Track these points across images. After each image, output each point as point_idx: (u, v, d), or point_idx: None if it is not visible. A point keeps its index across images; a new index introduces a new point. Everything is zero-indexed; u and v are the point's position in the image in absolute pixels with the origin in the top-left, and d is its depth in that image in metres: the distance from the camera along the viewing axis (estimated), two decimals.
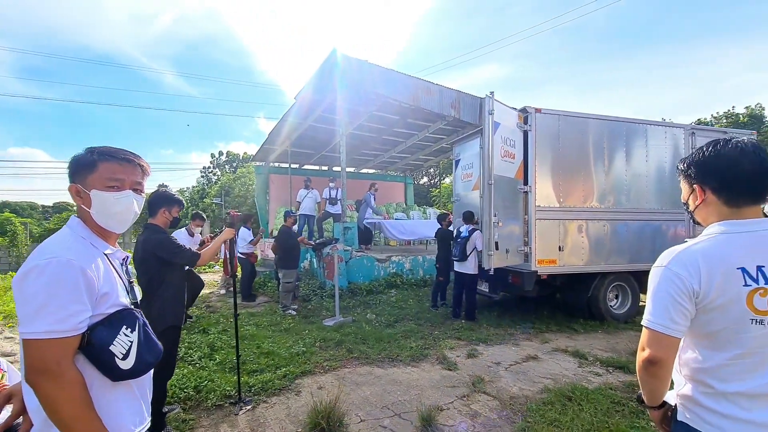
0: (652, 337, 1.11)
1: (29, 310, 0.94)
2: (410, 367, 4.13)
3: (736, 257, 1.06)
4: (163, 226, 2.70)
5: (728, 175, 1.13)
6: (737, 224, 1.11)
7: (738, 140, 1.15)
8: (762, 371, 1.05)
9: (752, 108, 30.02)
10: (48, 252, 0.99)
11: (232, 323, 5.71)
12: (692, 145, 6.03)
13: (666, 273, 1.11)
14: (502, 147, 4.84)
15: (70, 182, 1.13)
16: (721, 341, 1.08)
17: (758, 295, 1.04)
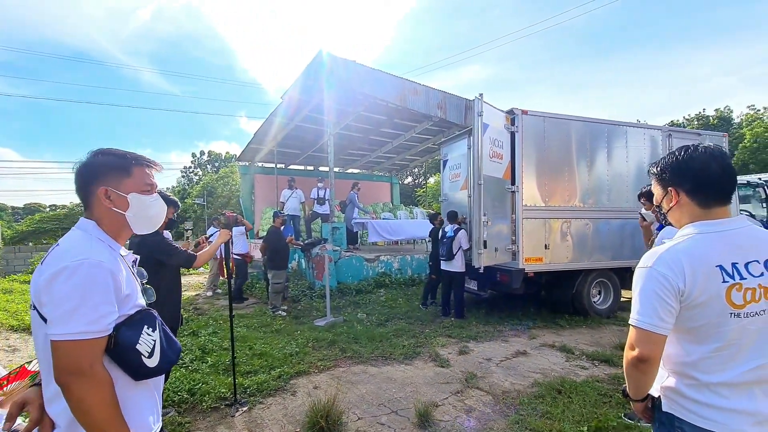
0: (642, 336, 1.15)
1: (62, 311, 0.94)
2: (404, 365, 4.18)
3: (714, 256, 1.13)
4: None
5: (701, 178, 1.20)
6: (710, 224, 1.18)
7: (706, 146, 1.24)
8: (739, 361, 1.12)
9: (721, 111, 31.49)
10: (77, 253, 1.00)
11: (222, 325, 5.70)
12: (669, 146, 6.30)
13: (652, 273, 1.16)
14: (490, 148, 4.95)
15: (94, 185, 1.13)
16: (703, 335, 1.14)
17: (735, 290, 1.11)
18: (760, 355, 1.11)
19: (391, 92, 8.71)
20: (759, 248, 1.15)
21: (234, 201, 32.01)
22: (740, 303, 1.11)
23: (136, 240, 2.62)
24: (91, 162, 1.15)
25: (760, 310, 1.11)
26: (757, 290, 1.11)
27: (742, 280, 1.11)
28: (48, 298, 0.96)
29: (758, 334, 1.11)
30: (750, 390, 1.12)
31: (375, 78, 8.42)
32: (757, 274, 1.12)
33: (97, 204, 1.14)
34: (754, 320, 1.11)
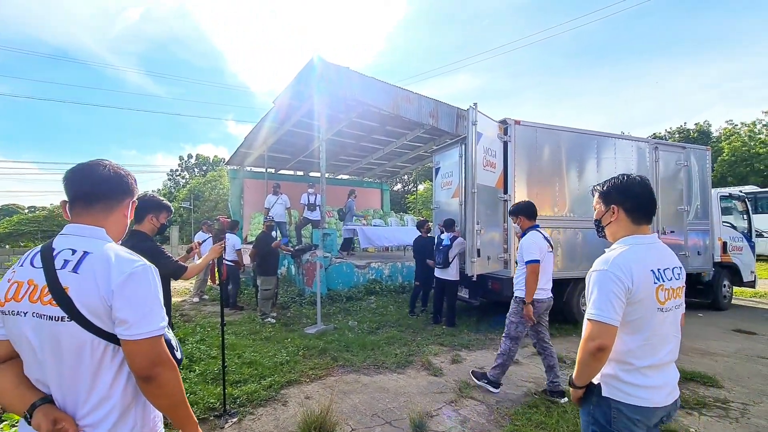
0: (602, 329, 1.37)
1: (143, 311, 1.03)
2: (396, 374, 4.14)
3: (648, 262, 1.42)
4: (149, 233, 2.57)
5: (638, 200, 1.50)
6: (640, 238, 1.49)
7: (640, 175, 1.57)
8: (662, 348, 1.42)
9: (701, 124, 32.58)
10: (131, 259, 1.09)
11: (209, 332, 5.57)
12: (655, 159, 6.46)
13: (608, 276, 1.40)
14: (484, 157, 4.99)
15: (125, 196, 1.24)
16: (637, 327, 1.40)
17: (660, 290, 1.40)
18: (671, 339, 1.44)
19: (383, 100, 8.74)
20: (668, 258, 1.50)
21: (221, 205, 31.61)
22: (663, 300, 1.41)
23: (127, 245, 2.54)
24: (126, 174, 1.24)
25: (672, 306, 1.43)
26: (671, 291, 1.43)
27: (664, 282, 1.41)
28: (123, 302, 1.02)
29: (671, 325, 1.44)
30: (666, 369, 1.43)
31: (368, 85, 8.45)
32: (669, 278, 1.44)
33: (117, 213, 1.21)
34: (669, 314, 1.42)
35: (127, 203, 1.24)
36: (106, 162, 1.19)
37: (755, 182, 21.79)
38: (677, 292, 1.46)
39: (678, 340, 1.47)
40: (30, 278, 1.05)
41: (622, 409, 1.40)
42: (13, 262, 6.52)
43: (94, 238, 1.11)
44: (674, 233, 6.63)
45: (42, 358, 1.02)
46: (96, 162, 1.18)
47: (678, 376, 1.48)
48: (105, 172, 1.16)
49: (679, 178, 6.73)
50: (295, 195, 10.55)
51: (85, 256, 1.05)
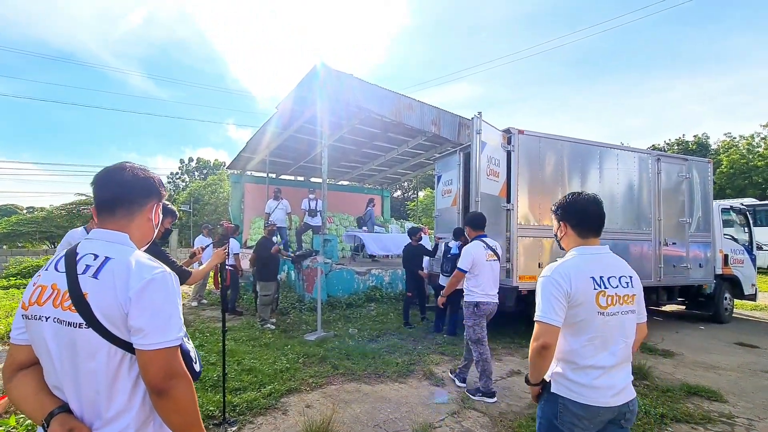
0: (545, 329, 1.51)
1: (160, 321, 0.99)
2: (397, 383, 4.09)
3: (588, 270, 1.55)
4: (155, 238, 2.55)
5: (581, 217, 1.66)
6: (586, 249, 1.64)
7: (585, 193, 1.70)
8: (605, 350, 1.52)
9: (699, 137, 32.78)
10: (152, 265, 1.05)
11: (208, 337, 5.51)
12: (657, 170, 6.47)
13: (550, 281, 1.55)
14: (487, 165, 4.99)
15: (150, 198, 1.21)
16: (580, 329, 1.53)
17: (601, 296, 1.53)
18: (616, 343, 1.54)
19: (386, 107, 8.78)
20: (616, 268, 1.62)
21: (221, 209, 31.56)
22: (604, 305, 1.52)
23: None
24: (151, 177, 1.20)
25: (616, 311, 1.54)
26: (615, 297, 1.54)
27: (605, 289, 1.54)
28: (139, 310, 0.98)
29: (615, 329, 1.54)
30: (611, 371, 1.52)
31: (371, 92, 8.49)
32: (614, 285, 1.56)
33: (140, 217, 1.18)
34: (612, 318, 1.53)
35: (150, 206, 1.20)
36: (128, 165, 1.17)
37: (753, 195, 21.88)
38: (625, 299, 1.57)
39: (627, 344, 1.57)
40: (53, 282, 1.03)
41: (568, 405, 1.52)
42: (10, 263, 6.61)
43: (118, 244, 1.10)
44: (676, 245, 6.62)
45: (60, 365, 0.99)
46: (119, 166, 1.16)
47: (629, 380, 1.57)
48: (126, 176, 1.14)
49: (681, 190, 6.74)
50: (295, 200, 10.53)
51: (106, 261, 1.03)
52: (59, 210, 27.57)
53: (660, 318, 7.87)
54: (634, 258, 6.24)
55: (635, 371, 4.33)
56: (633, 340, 1.60)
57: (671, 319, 7.78)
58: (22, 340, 1.05)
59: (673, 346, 5.67)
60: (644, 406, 3.48)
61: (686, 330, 6.82)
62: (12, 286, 10.88)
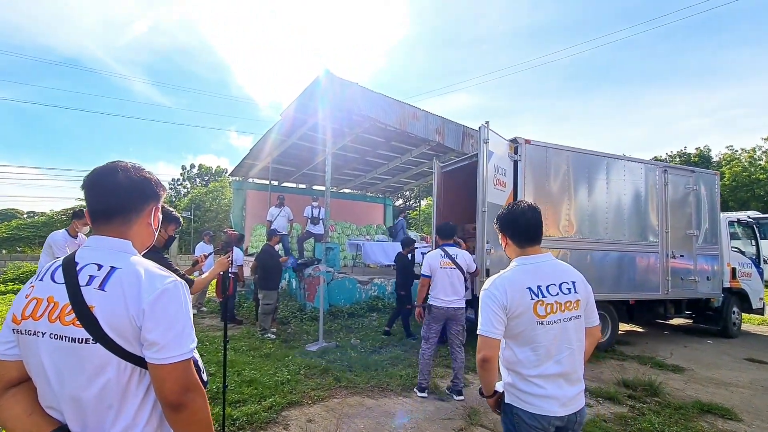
0: (484, 341, 1.53)
1: (174, 333, 0.94)
2: (402, 397, 3.98)
3: (525, 281, 1.56)
4: (157, 245, 2.47)
5: (514, 228, 1.67)
6: (525, 259, 1.64)
7: (521, 203, 1.71)
8: (548, 359, 1.51)
9: (701, 149, 32.83)
10: (161, 275, 0.99)
11: (208, 347, 5.41)
12: (665, 181, 6.41)
13: (488, 294, 1.57)
14: (494, 175, 4.94)
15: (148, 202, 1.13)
16: (523, 339, 1.53)
17: (539, 305, 1.52)
18: (559, 351, 1.52)
19: (391, 116, 8.77)
20: (556, 275, 1.60)
21: (222, 216, 31.53)
22: (543, 314, 1.52)
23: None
24: (146, 177, 1.11)
25: (557, 319, 1.53)
26: (554, 305, 1.54)
27: (543, 298, 1.53)
28: (154, 322, 0.92)
29: (557, 337, 1.53)
30: (558, 380, 1.51)
31: (376, 101, 8.48)
32: (554, 293, 1.55)
33: (140, 223, 1.10)
34: (553, 327, 1.52)
35: (149, 210, 1.12)
36: (121, 165, 1.06)
37: (756, 207, 21.80)
38: (567, 306, 1.55)
39: (572, 351, 1.54)
40: (50, 295, 0.95)
41: (521, 415, 1.53)
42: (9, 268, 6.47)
43: (122, 252, 1.03)
44: (683, 257, 6.53)
45: (58, 384, 0.91)
46: (112, 167, 1.05)
47: (580, 388, 1.56)
48: (120, 181, 1.04)
49: (688, 202, 6.67)
50: (296, 208, 10.47)
51: (112, 271, 0.96)
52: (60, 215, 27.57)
53: (667, 332, 7.74)
54: (641, 270, 6.15)
55: (646, 386, 4.27)
56: (581, 346, 1.58)
57: (678, 333, 7.65)
58: (11, 356, 0.96)
59: (683, 361, 5.54)
60: (657, 424, 3.37)
61: (694, 344, 6.70)
62: (9, 292, 10.79)
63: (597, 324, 1.68)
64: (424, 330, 4.15)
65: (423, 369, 4.08)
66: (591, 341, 1.66)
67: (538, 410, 1.49)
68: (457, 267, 4.09)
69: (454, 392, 4.00)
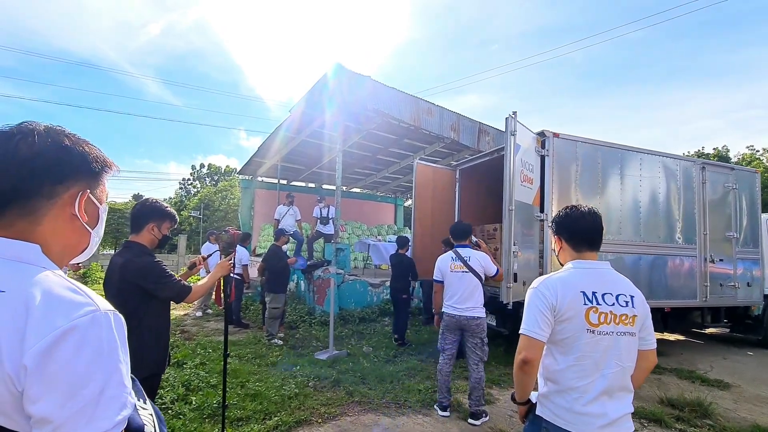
0: (527, 342, 1.42)
1: (82, 402, 0.58)
2: (421, 415, 3.59)
3: (579, 285, 1.45)
4: (149, 245, 2.11)
5: (573, 232, 1.58)
6: (581, 263, 1.54)
7: (581, 206, 1.61)
8: (595, 373, 1.38)
9: (719, 149, 31.81)
10: (75, 299, 0.63)
11: (210, 354, 5.06)
12: (702, 179, 5.91)
13: (536, 293, 1.47)
14: (521, 171, 4.52)
15: (63, 183, 0.72)
16: (568, 347, 1.41)
17: (592, 312, 1.41)
18: (607, 366, 1.38)
19: (404, 111, 8.39)
20: (613, 285, 1.48)
21: (231, 215, 31.47)
22: (596, 322, 1.40)
23: (118, 260, 2.07)
24: (69, 146, 0.73)
25: (610, 331, 1.40)
26: (609, 315, 1.41)
27: (598, 305, 1.41)
28: (44, 387, 0.56)
29: (607, 350, 1.39)
30: (601, 398, 1.37)
31: (389, 95, 8.11)
32: (609, 303, 1.43)
33: (55, 214, 0.71)
34: (604, 338, 1.39)
35: (73, 194, 0.73)
36: (26, 128, 0.70)
37: None
38: (622, 319, 1.42)
39: (623, 369, 1.40)
40: None
41: (551, 430, 1.41)
42: None
43: (16, 262, 0.65)
44: (723, 262, 6.02)
45: None
46: (10, 130, 0.69)
47: (626, 411, 1.39)
48: (18, 150, 0.67)
49: (727, 202, 6.16)
50: (305, 207, 10.14)
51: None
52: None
53: (701, 341, 7.22)
54: (678, 275, 5.67)
55: (694, 406, 3.80)
56: (631, 366, 1.43)
57: (714, 343, 7.11)
58: None
59: (726, 376, 5.05)
60: None
61: (734, 356, 6.17)
62: None
63: (654, 347, 1.50)
64: (440, 341, 3.79)
65: (441, 386, 3.67)
66: (646, 365, 1.50)
67: (571, 427, 1.37)
68: (470, 270, 3.64)
69: (470, 415, 3.49)
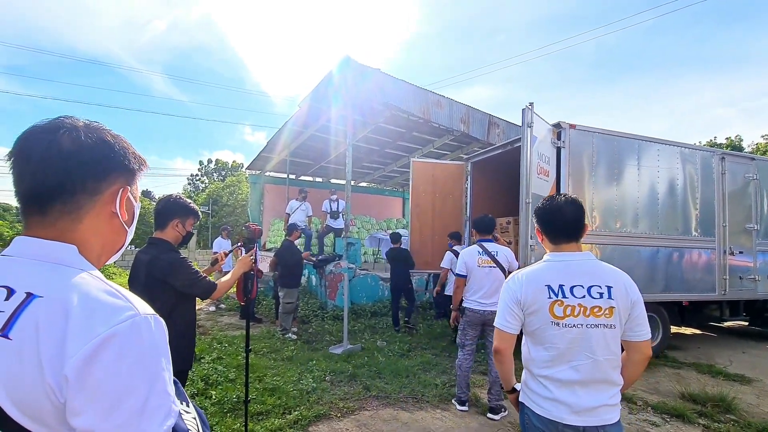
0: (499, 334, 1.54)
1: (128, 413, 0.57)
2: (440, 410, 3.58)
3: (546, 278, 1.47)
4: (173, 242, 2.12)
5: (549, 223, 1.57)
6: (556, 255, 1.54)
7: (561, 196, 1.59)
8: (562, 363, 1.41)
9: (732, 139, 31.18)
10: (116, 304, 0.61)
11: (227, 349, 5.10)
12: (722, 170, 5.78)
13: (506, 288, 1.56)
14: (538, 163, 4.45)
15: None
16: (538, 338, 1.46)
17: (557, 305, 1.42)
18: (576, 358, 1.40)
19: (413, 104, 8.31)
20: (588, 276, 1.45)
21: (240, 210, 31.65)
22: (560, 315, 1.41)
23: (144, 257, 2.06)
24: (107, 140, 0.70)
25: (578, 323, 1.40)
26: (577, 308, 1.41)
27: (564, 298, 1.42)
28: (86, 399, 0.53)
29: (575, 342, 1.40)
30: (572, 386, 1.40)
31: (398, 88, 8.03)
32: (579, 295, 1.42)
33: (96, 213, 0.69)
34: (570, 330, 1.40)
35: (113, 192, 0.71)
36: (69, 123, 0.67)
37: None
38: (594, 311, 1.40)
39: (595, 361, 1.39)
40: None
41: (530, 416, 1.47)
42: None
43: (52, 264, 0.62)
44: (742, 254, 5.90)
45: None
46: (51, 125, 0.66)
47: (604, 402, 1.39)
48: (62, 144, 0.64)
49: (747, 193, 6.02)
50: (314, 202, 10.13)
51: (28, 302, 0.57)
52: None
53: (716, 334, 7.12)
54: (696, 268, 5.57)
55: (717, 401, 3.75)
56: (612, 359, 1.40)
57: (732, 337, 7.01)
58: None
59: (747, 370, 4.97)
60: None
61: (753, 350, 6.08)
62: None
63: (645, 339, 1.44)
64: (460, 336, 3.72)
65: (460, 381, 3.64)
66: (638, 358, 1.46)
67: (545, 413, 1.42)
68: (497, 265, 3.60)
69: (489, 410, 3.45)
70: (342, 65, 7.25)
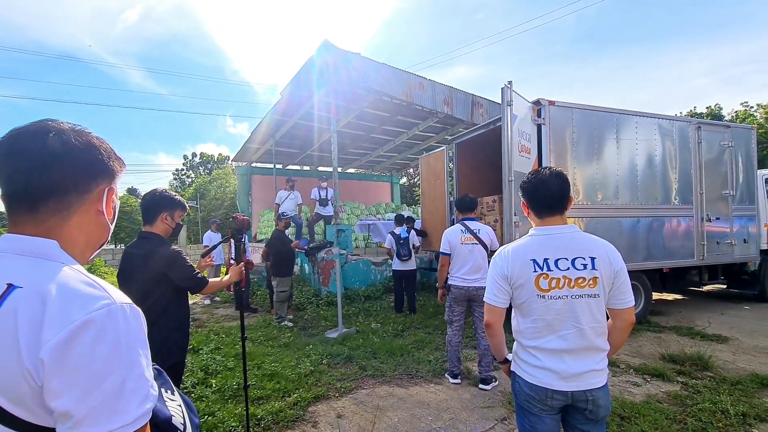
0: (488, 308, 1.60)
1: (103, 395, 0.60)
2: (434, 384, 3.73)
3: (531, 252, 1.51)
4: (164, 235, 2.15)
5: (533, 197, 1.61)
6: (540, 230, 1.58)
7: (546, 170, 1.61)
8: (548, 333, 1.48)
9: (712, 108, 31.58)
10: (91, 293, 0.64)
11: (224, 339, 5.18)
12: (698, 139, 5.93)
13: (493, 263, 1.61)
14: (519, 141, 4.52)
15: (92, 180, 0.76)
16: (525, 310, 1.52)
17: (542, 278, 1.47)
18: (563, 327, 1.46)
19: (396, 87, 8.27)
20: (572, 249, 1.49)
21: (228, 203, 31.34)
22: (546, 288, 1.47)
23: (138, 251, 2.10)
24: (94, 144, 0.76)
25: (563, 295, 1.46)
26: (561, 280, 1.46)
27: (549, 272, 1.47)
28: (63, 381, 0.56)
29: (561, 313, 1.46)
30: (560, 355, 1.46)
31: (379, 72, 7.96)
32: (563, 268, 1.47)
33: (83, 211, 0.75)
34: (556, 302, 1.46)
35: (100, 191, 0.76)
36: (56, 126, 0.71)
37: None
38: (578, 283, 1.45)
39: (581, 330, 1.44)
40: None
41: (521, 383, 1.54)
42: None
43: (35, 258, 0.66)
44: (719, 220, 6.12)
45: None
46: (38, 127, 0.70)
47: (591, 368, 1.45)
48: (52, 146, 0.68)
49: (723, 161, 6.20)
50: (302, 191, 10.12)
51: (8, 292, 0.61)
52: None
53: (699, 299, 7.42)
54: (675, 235, 5.77)
55: (695, 360, 3.96)
56: (597, 327, 1.46)
57: (711, 300, 7.32)
58: None
59: (724, 330, 5.23)
60: (720, 403, 3.08)
61: (732, 311, 6.37)
62: None
63: (628, 306, 1.49)
64: (447, 313, 3.84)
65: (452, 356, 3.79)
66: (622, 325, 1.52)
67: (535, 380, 1.48)
68: (479, 242, 3.71)
69: (480, 381, 3.63)
70: (321, 50, 7.15)
